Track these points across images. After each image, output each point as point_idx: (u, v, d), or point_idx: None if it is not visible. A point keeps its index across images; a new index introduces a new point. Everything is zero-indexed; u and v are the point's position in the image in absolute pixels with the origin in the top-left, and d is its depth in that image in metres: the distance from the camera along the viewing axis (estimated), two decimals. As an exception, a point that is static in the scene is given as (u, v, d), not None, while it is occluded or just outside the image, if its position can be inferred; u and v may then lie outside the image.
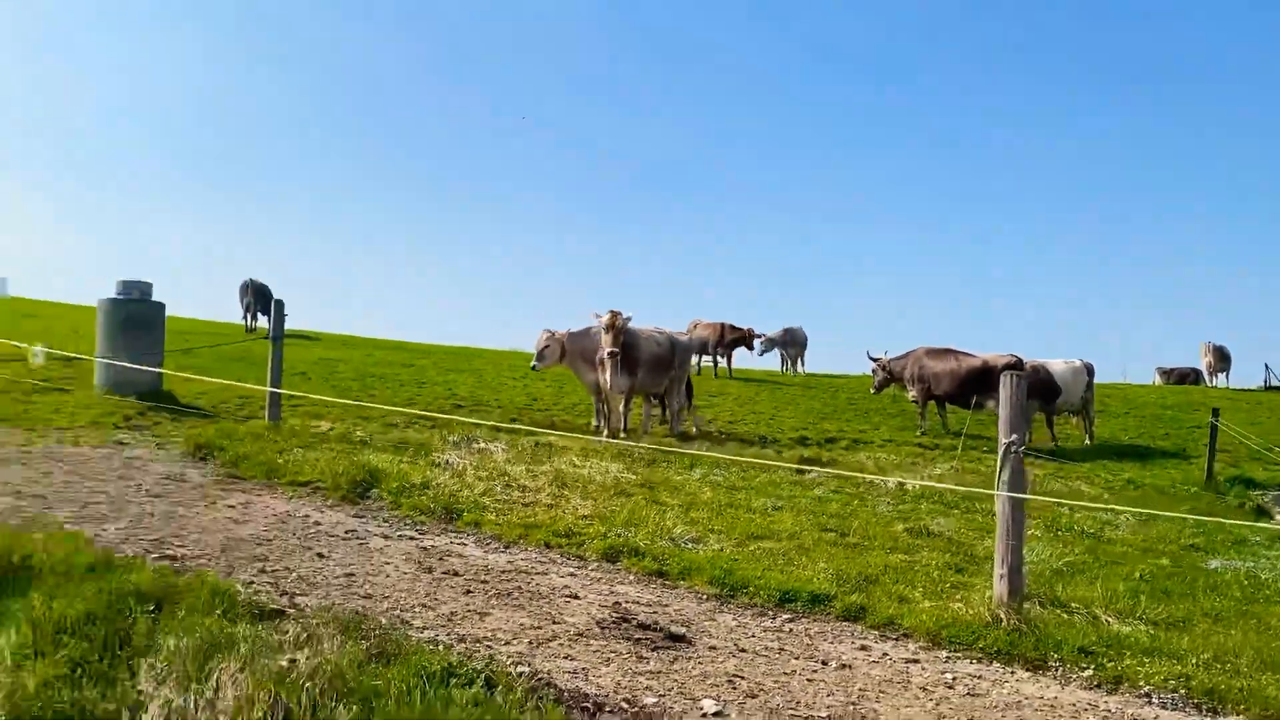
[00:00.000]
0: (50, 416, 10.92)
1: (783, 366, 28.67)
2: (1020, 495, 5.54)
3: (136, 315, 13.41)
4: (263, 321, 25.56)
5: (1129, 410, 21.97)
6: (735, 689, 4.22)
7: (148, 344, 13.22)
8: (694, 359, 23.58)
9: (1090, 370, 16.70)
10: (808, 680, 4.42)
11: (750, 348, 25.32)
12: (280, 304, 11.79)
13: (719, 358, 25.30)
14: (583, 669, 4.24)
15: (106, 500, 6.85)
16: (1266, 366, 33.08)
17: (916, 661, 4.86)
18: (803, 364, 28.66)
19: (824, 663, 4.70)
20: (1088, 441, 16.69)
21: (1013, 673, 4.79)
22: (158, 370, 12.79)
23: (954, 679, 4.61)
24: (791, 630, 5.22)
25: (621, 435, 12.93)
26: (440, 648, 4.24)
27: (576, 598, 5.42)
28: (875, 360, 17.56)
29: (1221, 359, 31.22)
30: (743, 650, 4.76)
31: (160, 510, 6.69)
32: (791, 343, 28.14)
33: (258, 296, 25.84)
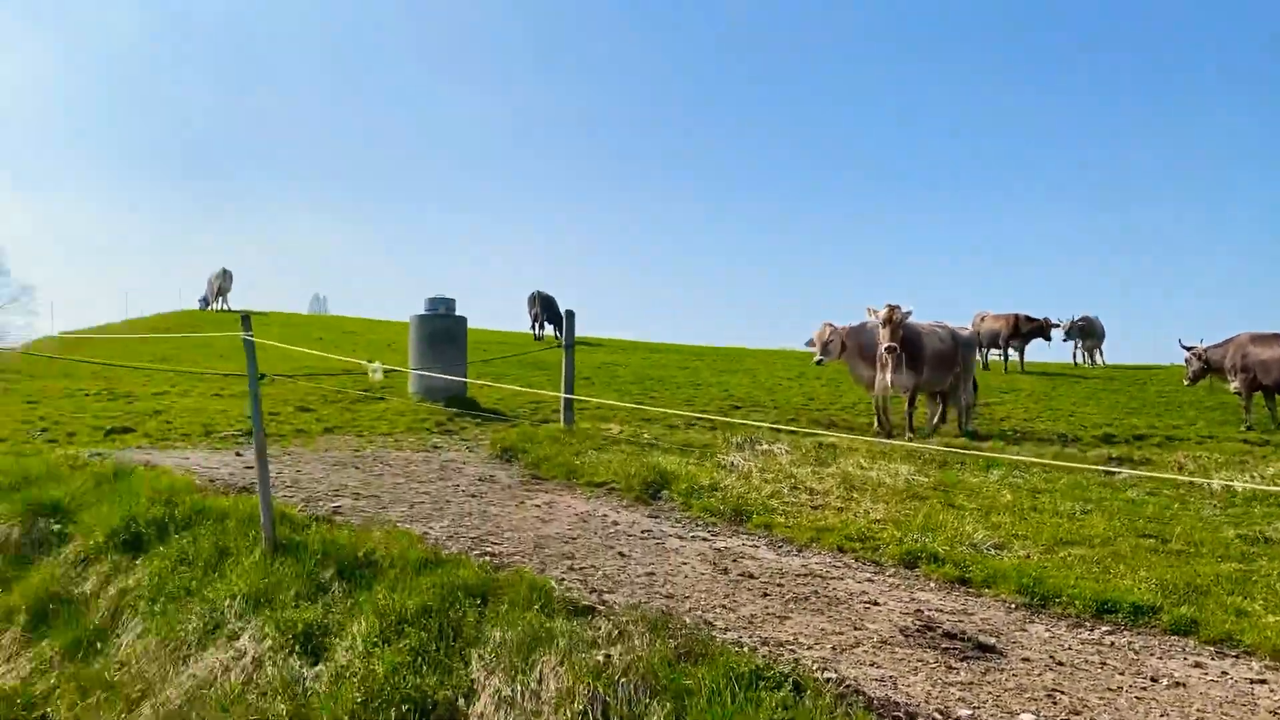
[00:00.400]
0: (374, 423, 12.08)
1: (1076, 359, 26.85)
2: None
3: (443, 328, 14.59)
4: (549, 330, 27.05)
5: None
6: (1056, 704, 3.99)
7: (453, 354, 14.35)
8: (983, 353, 22.69)
9: None
10: (1136, 698, 4.11)
11: (1048, 338, 23.84)
12: (571, 314, 12.40)
13: (1010, 350, 23.98)
14: (890, 677, 4.16)
15: (430, 500, 7.49)
16: None
17: (1263, 682, 4.39)
18: (1101, 356, 26.72)
19: (1153, 680, 4.35)
20: None
21: (1385, 701, 4.22)
22: (463, 379, 13.83)
23: (1312, 705, 4.13)
24: (1113, 644, 4.87)
25: (908, 435, 12.57)
26: (745, 650, 4.29)
27: (876, 604, 5.33)
28: (1189, 349, 16.03)
29: None
30: (1060, 663, 4.50)
31: (476, 509, 7.23)
32: (1089, 333, 26.32)
33: (544, 306, 27.36)
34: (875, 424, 13.18)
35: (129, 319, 35.95)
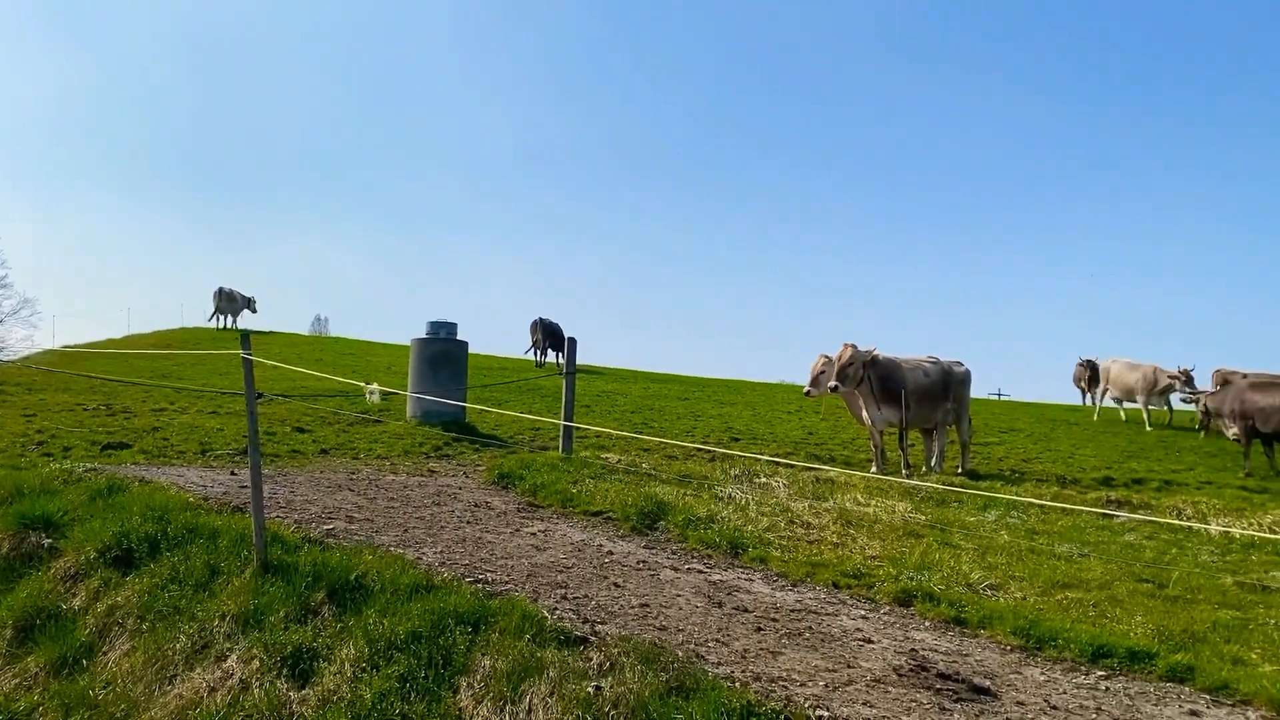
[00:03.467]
0: (370, 446, 12.05)
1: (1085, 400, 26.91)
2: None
3: (443, 352, 14.58)
4: (551, 357, 27.07)
5: None
6: (1049, 750, 3.95)
7: (453, 379, 14.33)
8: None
9: None
10: (1131, 747, 4.06)
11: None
12: (573, 341, 12.40)
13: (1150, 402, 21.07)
14: (883, 717, 4.11)
15: (424, 525, 7.45)
16: None
17: (1260, 734, 4.35)
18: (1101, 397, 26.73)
19: (1149, 728, 4.30)
20: None
21: (1383, 756, 4.17)
22: (462, 404, 13.81)
23: (1309, 758, 4.08)
24: (1108, 689, 4.82)
25: (904, 472, 12.52)
26: (737, 685, 4.25)
27: (870, 642, 5.28)
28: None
29: None
30: (1054, 708, 4.45)
31: (470, 536, 7.18)
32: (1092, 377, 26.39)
33: (546, 334, 27.38)
34: (873, 460, 13.15)
35: (131, 334, 35.97)
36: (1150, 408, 21.12)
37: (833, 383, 12.51)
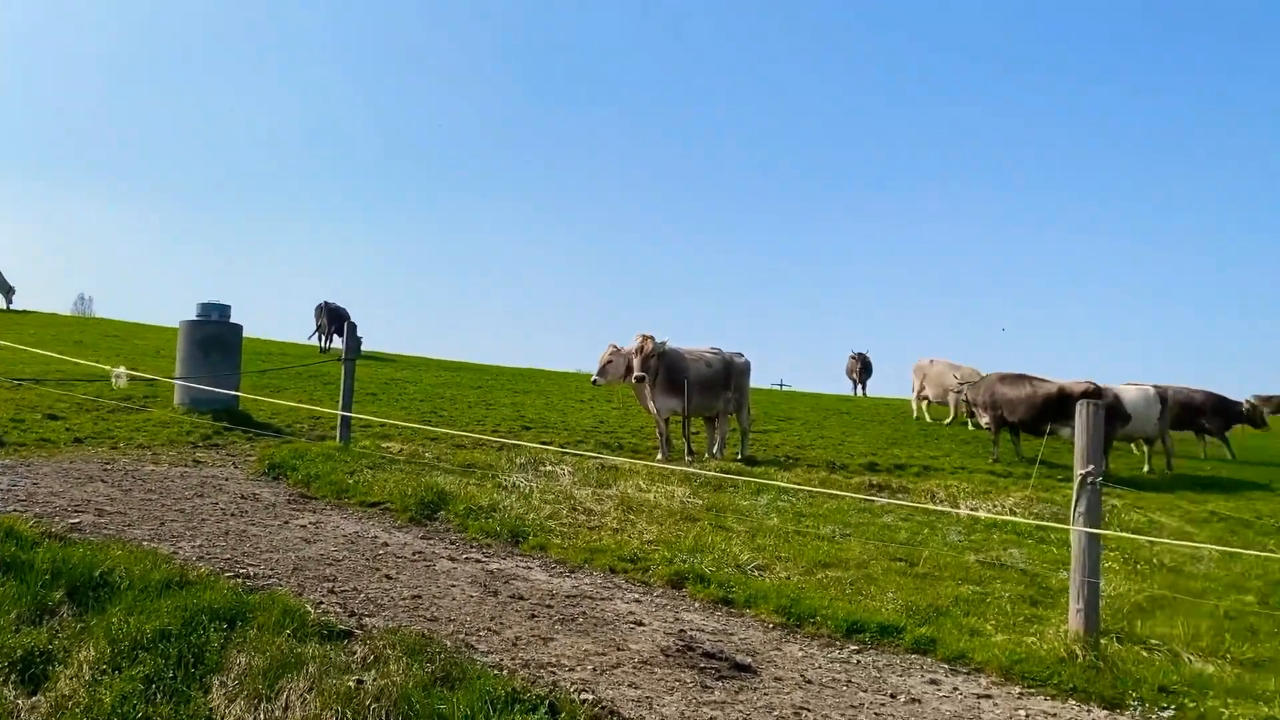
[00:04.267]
0: (131, 435, 11.25)
1: (855, 391, 28.50)
2: (1096, 531, 5.38)
3: (214, 336, 13.76)
4: (337, 343, 26.13)
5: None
6: (801, 721, 4.15)
7: (225, 364, 13.56)
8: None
9: (1164, 398, 16.19)
10: (875, 714, 4.33)
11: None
12: (354, 326, 12.00)
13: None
14: (646, 698, 4.21)
15: (183, 518, 7.02)
16: None
17: (989, 697, 4.73)
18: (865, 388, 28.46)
19: (892, 696, 4.60)
20: (1168, 470, 16.22)
21: (1088, 711, 4.63)
22: (235, 391, 13.10)
23: (1027, 715, 4.47)
24: (859, 662, 5.13)
25: (687, 459, 12.87)
26: (504, 673, 4.24)
27: (641, 624, 5.39)
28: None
29: None
30: (809, 682, 4.68)
31: (234, 529, 6.83)
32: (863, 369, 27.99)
33: (332, 318, 26.39)
34: (659, 447, 13.44)
35: None
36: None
37: (639, 373, 12.67)
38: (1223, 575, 8.19)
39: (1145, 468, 16.31)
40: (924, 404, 22.24)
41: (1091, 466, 5.34)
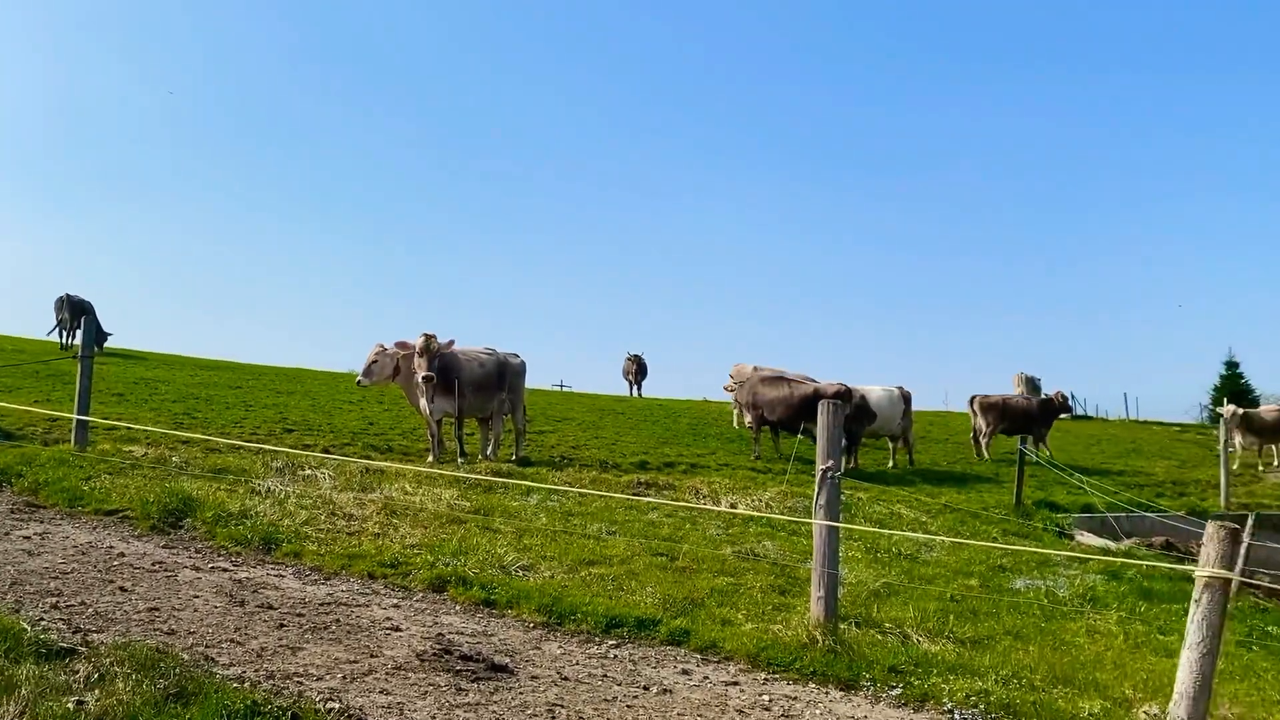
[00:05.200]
0: None
1: (632, 391, 29.10)
2: (835, 524, 5.73)
3: (-72, 332, 12.38)
4: (79, 339, 24.07)
5: (949, 437, 23.17)
6: (555, 718, 4.20)
7: (-59, 363, 12.23)
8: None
9: (907, 398, 17.56)
10: (627, 707, 4.44)
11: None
12: (92, 319, 11.12)
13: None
14: (398, 704, 4.13)
15: (-121, 534, 6.28)
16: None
17: (736, 684, 4.95)
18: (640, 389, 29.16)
19: (645, 688, 4.73)
20: (909, 465, 17.55)
21: (826, 693, 4.93)
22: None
23: (770, 700, 4.71)
24: (616, 656, 5.23)
25: (459, 461, 12.72)
26: (246, 685, 4.05)
27: (398, 630, 5.28)
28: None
29: (1033, 389, 32.83)
30: (565, 679, 4.74)
31: (-58, 544, 6.17)
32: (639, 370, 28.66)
33: (74, 312, 24.27)
34: (430, 449, 13.19)
35: None
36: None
37: (427, 372, 12.30)
38: (951, 561, 8.92)
39: (890, 463, 17.56)
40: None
41: (831, 462, 5.68)
